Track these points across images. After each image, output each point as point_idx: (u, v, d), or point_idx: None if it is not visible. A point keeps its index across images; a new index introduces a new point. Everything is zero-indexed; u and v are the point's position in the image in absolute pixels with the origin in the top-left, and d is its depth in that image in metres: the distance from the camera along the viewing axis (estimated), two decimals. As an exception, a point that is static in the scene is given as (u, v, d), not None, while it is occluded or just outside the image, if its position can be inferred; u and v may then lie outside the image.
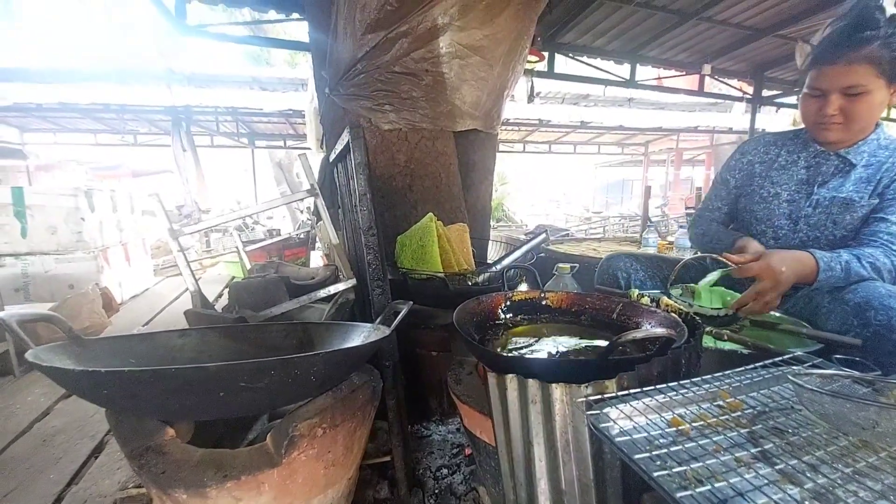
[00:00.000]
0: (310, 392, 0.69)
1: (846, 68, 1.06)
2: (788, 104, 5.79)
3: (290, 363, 0.59)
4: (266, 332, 0.98)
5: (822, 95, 1.12)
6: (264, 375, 0.57)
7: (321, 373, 0.63)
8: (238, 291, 1.34)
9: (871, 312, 0.94)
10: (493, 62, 2.01)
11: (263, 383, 0.58)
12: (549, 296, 1.14)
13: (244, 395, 0.59)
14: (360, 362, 0.82)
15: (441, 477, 1.21)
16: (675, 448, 0.50)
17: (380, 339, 0.74)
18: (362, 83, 1.92)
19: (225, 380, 0.57)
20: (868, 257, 1.09)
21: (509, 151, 10.65)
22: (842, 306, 1.01)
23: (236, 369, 0.57)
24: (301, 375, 0.61)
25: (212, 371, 0.55)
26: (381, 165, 1.99)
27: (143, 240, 3.63)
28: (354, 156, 0.87)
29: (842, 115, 1.11)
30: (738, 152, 1.41)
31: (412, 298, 1.47)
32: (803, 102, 1.19)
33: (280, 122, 7.59)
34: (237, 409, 0.65)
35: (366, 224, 0.90)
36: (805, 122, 1.22)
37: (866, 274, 1.08)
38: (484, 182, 2.35)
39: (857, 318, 0.97)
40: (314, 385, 0.66)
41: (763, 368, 0.70)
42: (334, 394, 0.72)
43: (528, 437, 0.66)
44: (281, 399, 0.68)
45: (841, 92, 1.09)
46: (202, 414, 0.69)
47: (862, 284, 1.03)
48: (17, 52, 18.08)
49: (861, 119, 1.11)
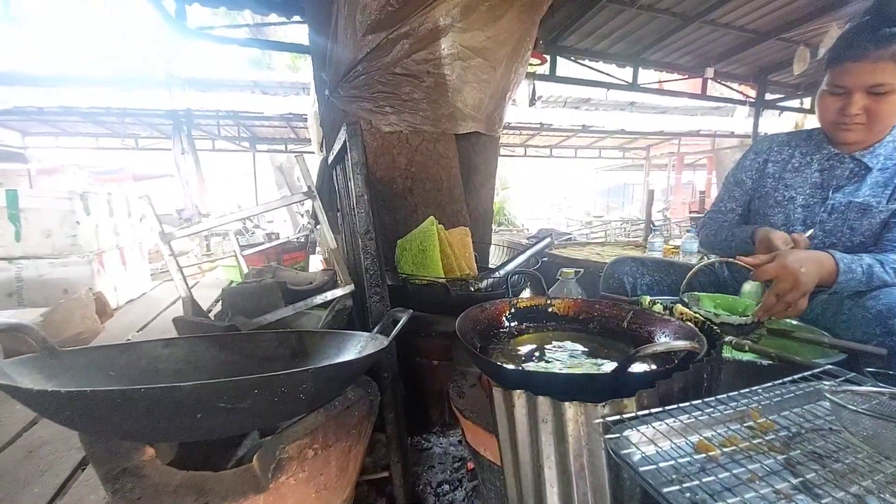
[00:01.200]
0: (299, 410, 0.63)
1: (872, 66, 1.01)
2: (791, 108, 5.76)
3: (276, 381, 0.54)
4: (258, 340, 0.93)
5: (844, 94, 1.07)
6: (247, 395, 0.52)
7: (311, 390, 0.57)
8: (231, 297, 1.29)
9: (894, 320, 0.89)
10: (496, 64, 1.97)
11: (247, 403, 0.52)
12: (555, 303, 1.09)
13: (225, 415, 0.53)
14: (356, 376, 0.77)
15: (442, 493, 1.15)
16: (706, 479, 0.44)
17: (377, 352, 0.69)
18: (362, 85, 1.88)
19: (203, 400, 0.51)
20: (892, 263, 1.04)
21: (511, 156, 10.64)
22: (863, 313, 0.96)
23: (215, 388, 0.51)
24: (289, 393, 0.55)
25: (187, 391, 0.50)
26: (382, 168, 1.95)
27: (141, 244, 3.58)
28: (351, 155, 0.82)
29: (865, 114, 1.06)
30: (753, 152, 1.36)
31: (412, 305, 1.42)
32: (822, 101, 1.14)
33: (281, 125, 7.58)
34: (219, 431, 0.59)
35: (363, 227, 0.85)
36: (823, 122, 1.17)
37: (890, 279, 1.03)
38: (486, 186, 2.31)
39: (879, 327, 0.91)
40: (304, 403, 0.61)
41: (793, 384, 0.65)
42: (327, 411, 0.67)
43: (539, 460, 0.61)
44: (267, 419, 0.63)
45: (866, 90, 1.04)
46: (179, 437, 0.63)
47: (884, 290, 0.98)
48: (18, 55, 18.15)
49: (885, 119, 1.06)
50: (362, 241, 0.86)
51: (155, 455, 0.68)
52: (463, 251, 1.65)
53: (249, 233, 5.78)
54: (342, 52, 1.87)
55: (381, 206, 1.93)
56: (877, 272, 1.03)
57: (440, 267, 1.47)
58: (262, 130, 8.34)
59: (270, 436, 0.69)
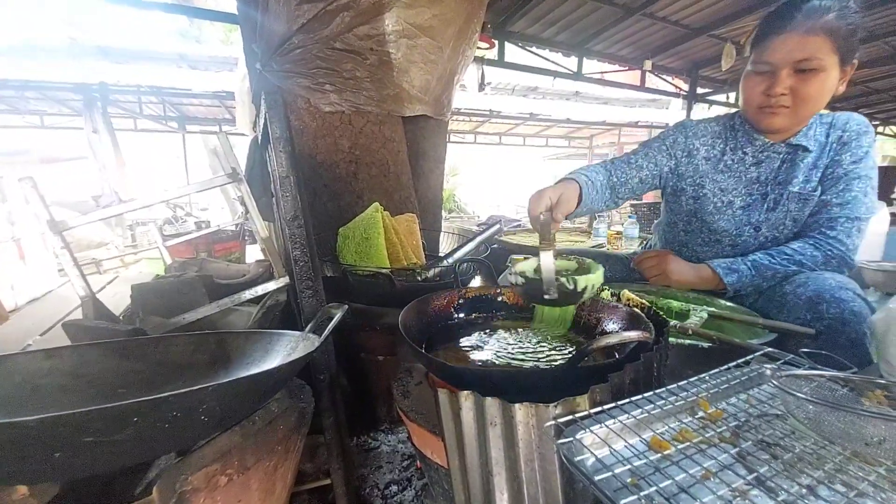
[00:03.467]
0: (205, 432, 0.53)
1: (801, 39, 0.96)
2: (719, 102, 6.20)
3: (163, 404, 0.42)
4: (169, 345, 0.80)
5: (770, 72, 1.01)
6: (124, 424, 0.41)
7: (216, 409, 0.47)
8: (143, 296, 1.12)
9: (823, 305, 0.93)
10: (443, 44, 1.89)
11: (125, 434, 0.41)
12: (504, 291, 1.05)
13: (98, 450, 0.41)
14: (280, 385, 0.68)
15: (390, 495, 1.09)
16: (663, 483, 0.41)
17: (304, 356, 0.60)
18: (298, 59, 1.72)
19: (60, 437, 0.39)
20: (786, 253, 1.08)
21: (461, 142, 10.60)
22: (795, 300, 0.99)
23: (75, 421, 0.39)
24: (185, 417, 0.45)
25: (32, 428, 0.37)
26: (323, 151, 1.81)
27: (44, 234, 3.14)
28: (272, 129, 0.70)
29: (791, 96, 1.01)
30: (682, 135, 1.25)
31: (355, 297, 1.33)
32: (747, 82, 1.08)
33: (214, 104, 6.98)
34: (100, 467, 0.48)
35: (289, 213, 0.74)
36: (748, 106, 1.11)
37: (781, 269, 1.08)
38: (435, 171, 2.24)
39: (809, 312, 0.95)
40: (210, 424, 0.51)
41: (737, 368, 0.65)
42: (244, 429, 0.57)
43: (488, 466, 0.56)
44: (161, 447, 0.52)
45: (793, 67, 0.98)
46: (44, 478, 0.51)
47: (812, 277, 1.01)
48: None
49: (810, 102, 1.01)
50: (289, 229, 0.76)
51: (28, 493, 0.55)
52: (409, 239, 1.58)
53: (180, 221, 5.31)
54: (274, 22, 1.69)
55: (323, 192, 1.80)
56: (765, 264, 1.09)
57: (385, 256, 1.38)
58: (192, 109, 7.64)
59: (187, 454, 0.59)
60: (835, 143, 1.09)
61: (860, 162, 1.07)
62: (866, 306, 0.92)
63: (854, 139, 1.07)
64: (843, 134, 1.08)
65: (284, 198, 0.74)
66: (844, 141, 1.08)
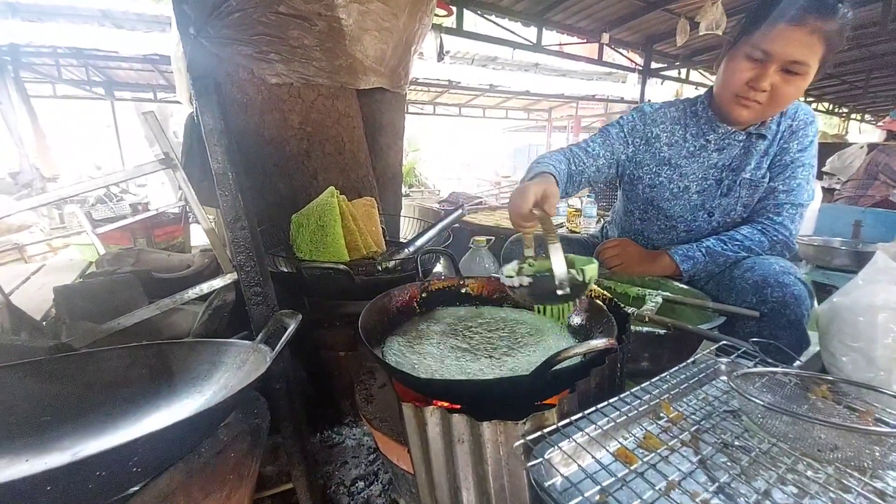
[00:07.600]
0: (141, 478, 0.47)
1: (806, 37, 0.91)
2: (672, 77, 6.36)
3: (83, 468, 0.36)
4: (101, 361, 0.71)
5: (762, 62, 0.96)
6: (35, 494, 0.34)
7: (151, 458, 0.42)
8: (68, 299, 1.00)
9: (767, 290, 0.98)
10: (398, 11, 1.76)
11: (41, 502, 0.35)
12: (469, 283, 1.03)
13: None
14: (227, 415, 0.62)
15: (357, 492, 1.07)
16: (633, 502, 0.41)
17: (249, 385, 0.53)
18: (238, 24, 1.55)
19: None
20: (736, 238, 1.13)
21: (420, 113, 10.33)
22: (742, 284, 1.04)
23: None
24: (112, 474, 0.39)
25: None
26: (271, 128, 1.67)
27: (-51, 220, 2.76)
28: (204, 120, 0.61)
29: (769, 93, 0.99)
30: (641, 121, 1.24)
31: (312, 292, 1.26)
32: (734, 64, 1.01)
33: (146, 68, 6.32)
34: None
35: (230, 214, 0.66)
36: (725, 90, 1.06)
37: (732, 255, 1.12)
38: (393, 147, 2.14)
39: (755, 296, 1.00)
40: (143, 474, 0.45)
41: (693, 364, 0.66)
42: (188, 464, 0.52)
43: (455, 482, 0.55)
44: (92, 502, 0.46)
45: (783, 66, 0.95)
46: None
47: (759, 262, 1.05)
48: None
49: (782, 103, 1.01)
50: (232, 233, 0.69)
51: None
52: (369, 224, 1.51)
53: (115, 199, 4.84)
54: (207, -20, 1.50)
55: (273, 172, 1.67)
56: (717, 250, 1.14)
57: (343, 246, 1.31)
58: (121, 74, 6.89)
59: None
60: (785, 131, 1.13)
61: (805, 151, 1.11)
62: (805, 289, 0.98)
63: (801, 128, 1.11)
64: (793, 123, 1.12)
65: (224, 198, 0.66)
66: (793, 130, 1.12)
